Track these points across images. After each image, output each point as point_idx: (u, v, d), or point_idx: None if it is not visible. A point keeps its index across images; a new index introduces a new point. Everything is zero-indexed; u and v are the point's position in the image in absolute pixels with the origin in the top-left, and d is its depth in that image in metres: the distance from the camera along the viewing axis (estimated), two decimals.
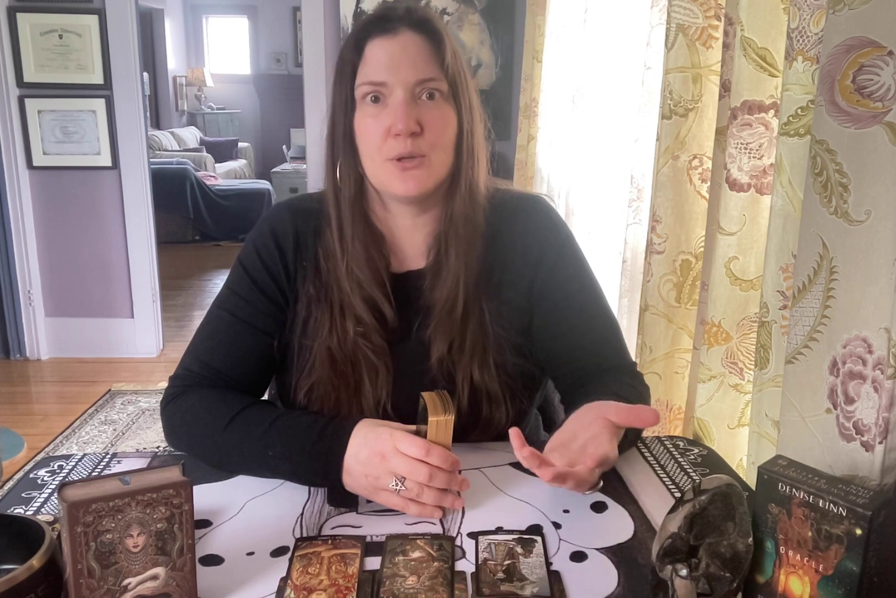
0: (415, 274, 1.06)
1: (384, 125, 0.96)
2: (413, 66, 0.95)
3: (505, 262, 1.06)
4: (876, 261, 0.74)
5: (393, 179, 0.98)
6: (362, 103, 0.98)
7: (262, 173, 8.37)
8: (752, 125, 1.05)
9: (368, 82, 0.96)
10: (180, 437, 1.01)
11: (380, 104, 0.97)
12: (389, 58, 0.95)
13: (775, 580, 0.68)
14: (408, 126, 0.94)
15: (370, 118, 0.97)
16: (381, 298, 1.02)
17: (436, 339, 1.02)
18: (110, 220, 3.61)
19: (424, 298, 1.04)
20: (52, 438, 2.87)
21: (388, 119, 0.95)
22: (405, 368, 1.04)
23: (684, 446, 1.06)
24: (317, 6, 3.42)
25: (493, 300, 1.04)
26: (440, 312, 1.02)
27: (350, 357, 1.02)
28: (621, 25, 1.95)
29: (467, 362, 1.02)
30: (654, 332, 1.39)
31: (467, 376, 1.02)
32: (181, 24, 8.58)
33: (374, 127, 0.96)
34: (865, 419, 0.76)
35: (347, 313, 1.01)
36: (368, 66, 0.96)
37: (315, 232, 1.05)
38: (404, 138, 0.95)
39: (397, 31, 0.96)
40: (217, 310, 1.06)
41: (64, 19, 3.38)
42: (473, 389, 1.02)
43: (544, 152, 2.88)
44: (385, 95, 0.96)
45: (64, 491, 0.64)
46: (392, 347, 1.03)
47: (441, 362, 1.02)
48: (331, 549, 0.79)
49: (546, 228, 1.09)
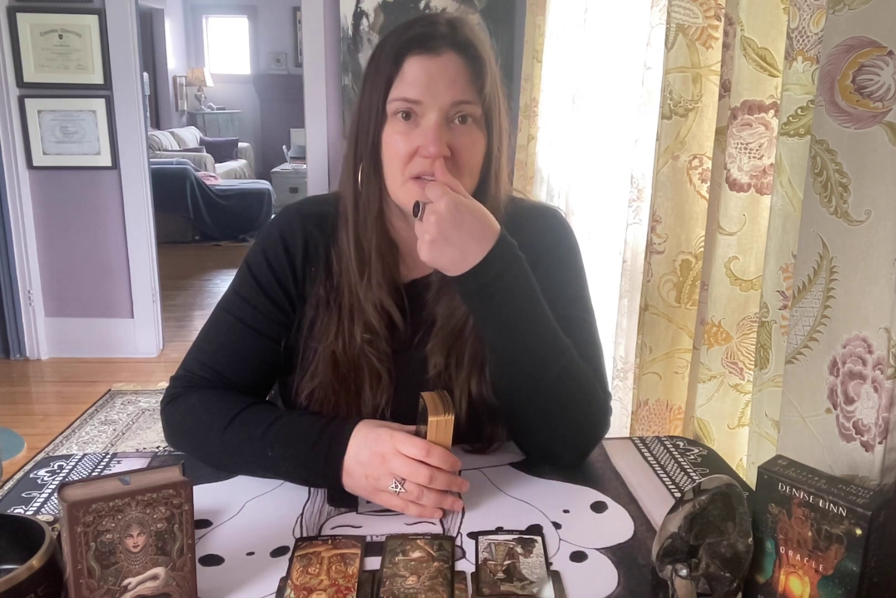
0: (421, 283, 1.05)
1: (413, 144, 0.93)
2: (450, 88, 0.93)
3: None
4: (876, 261, 0.74)
5: (412, 198, 0.94)
6: (393, 118, 0.95)
7: (262, 173, 8.37)
8: (752, 125, 1.05)
9: (403, 99, 0.94)
10: (180, 437, 1.01)
11: (411, 122, 0.94)
12: (429, 77, 0.93)
13: (775, 580, 0.68)
14: (440, 150, 0.91)
15: (399, 135, 0.95)
16: (393, 306, 1.01)
17: (434, 352, 1.01)
18: (110, 220, 3.61)
19: (428, 309, 1.03)
20: (52, 438, 2.87)
21: (419, 139, 0.93)
22: (406, 376, 1.03)
23: (684, 446, 1.06)
24: (317, 6, 3.42)
25: None
26: (441, 325, 1.01)
27: (353, 362, 1.01)
28: (621, 25, 1.95)
29: (465, 377, 1.01)
30: (654, 332, 1.39)
31: (465, 391, 1.01)
32: (181, 24, 8.58)
33: (402, 144, 0.94)
34: (865, 419, 0.76)
35: (357, 319, 1.01)
36: (406, 84, 0.94)
37: (325, 235, 1.04)
38: (433, 160, 0.92)
39: (440, 51, 0.93)
40: (221, 312, 1.06)
41: (64, 19, 3.38)
42: (472, 403, 1.01)
43: (544, 152, 2.88)
44: (418, 114, 0.94)
45: (64, 491, 0.64)
46: (395, 355, 1.03)
47: (439, 375, 1.02)
48: (331, 549, 0.79)
49: (554, 235, 1.07)
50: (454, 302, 1.00)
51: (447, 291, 1.01)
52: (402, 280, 1.05)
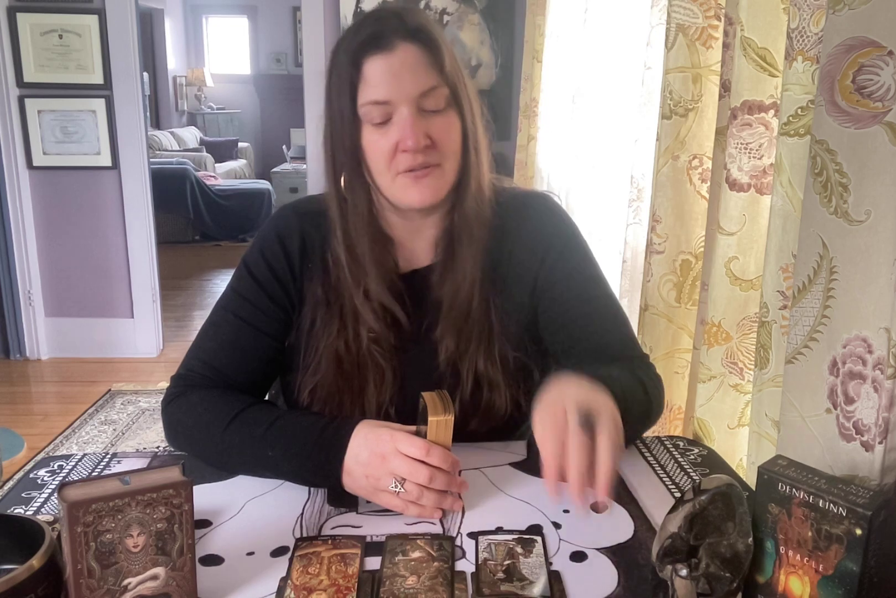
0: (422, 272, 1.06)
1: (392, 141, 0.95)
2: (414, 80, 0.94)
3: (511, 257, 1.07)
4: (876, 261, 0.74)
5: (407, 191, 0.97)
6: (367, 125, 0.97)
7: (262, 173, 8.37)
8: (752, 125, 1.05)
9: (372, 102, 0.95)
10: (181, 437, 1.01)
11: (386, 123, 0.96)
12: (391, 75, 0.94)
13: (775, 580, 0.68)
14: (417, 143, 0.94)
15: (377, 135, 0.96)
16: (395, 304, 1.02)
17: (445, 336, 1.03)
18: (110, 220, 3.61)
19: (433, 294, 1.04)
20: (52, 438, 2.86)
21: (397, 135, 0.95)
22: (412, 370, 1.04)
23: (684, 446, 1.06)
24: (317, 6, 3.42)
25: (499, 295, 1.05)
26: (449, 306, 1.03)
27: (357, 360, 1.02)
28: (621, 25, 1.95)
29: (473, 353, 1.03)
30: (654, 332, 1.39)
31: (472, 367, 1.03)
32: (181, 24, 8.58)
33: (383, 143, 0.96)
34: (865, 419, 0.76)
35: (360, 320, 1.02)
36: (370, 86, 0.95)
37: (321, 233, 1.05)
38: (414, 153, 0.94)
39: (394, 46, 0.94)
40: (221, 311, 1.06)
41: (64, 19, 3.38)
42: (476, 378, 1.03)
43: (544, 152, 2.88)
44: (390, 112, 0.95)
45: (64, 491, 0.64)
46: (400, 350, 1.04)
47: (449, 359, 1.03)
48: (331, 549, 0.79)
49: (552, 222, 1.10)
50: (458, 281, 1.02)
51: (450, 270, 1.03)
52: (403, 271, 1.06)
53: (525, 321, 1.07)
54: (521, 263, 1.07)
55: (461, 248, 1.02)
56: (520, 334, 1.06)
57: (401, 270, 1.05)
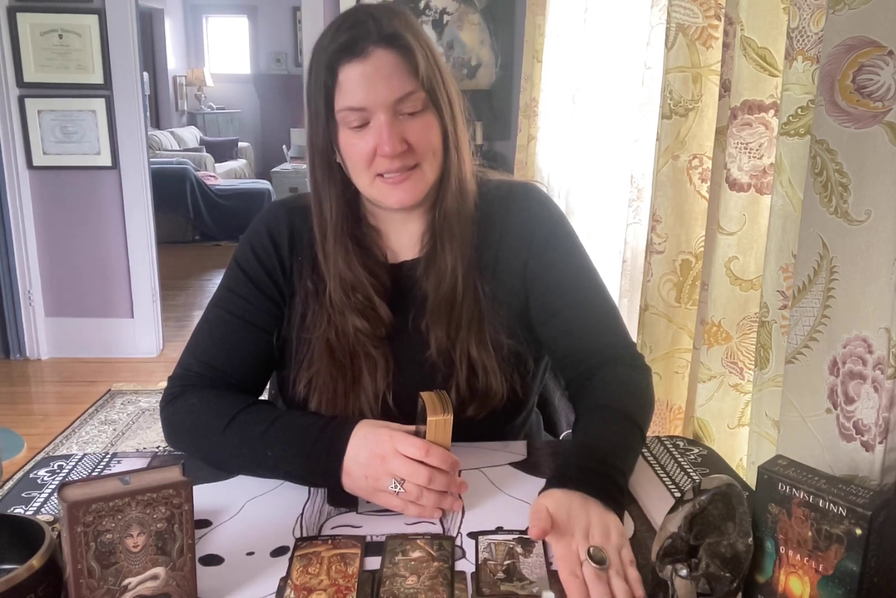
0: (409, 264, 1.07)
1: (370, 145, 0.96)
2: (389, 87, 0.94)
3: (499, 245, 1.08)
4: (876, 261, 0.74)
5: (385, 193, 0.99)
6: (345, 128, 0.98)
7: (262, 173, 8.36)
8: (752, 125, 1.05)
9: (348, 108, 0.96)
10: (180, 437, 1.01)
11: (364, 126, 0.97)
12: (366, 82, 0.94)
13: (775, 580, 0.68)
14: (394, 148, 0.95)
15: (356, 139, 0.97)
16: (383, 304, 1.03)
17: (433, 327, 1.03)
18: (110, 220, 3.61)
19: (419, 287, 1.05)
20: (52, 438, 2.86)
21: (374, 140, 0.96)
22: (405, 359, 1.05)
23: (684, 446, 1.06)
24: (317, 6, 3.42)
25: (488, 283, 1.06)
26: (436, 298, 1.03)
27: (349, 350, 1.03)
28: (621, 25, 1.95)
29: (464, 339, 1.03)
30: (654, 332, 1.39)
31: (465, 353, 1.03)
32: (181, 24, 8.58)
33: (361, 146, 0.97)
34: (865, 419, 0.76)
35: (347, 313, 1.02)
36: (346, 93, 0.95)
37: (310, 228, 1.06)
38: (391, 158, 0.96)
39: (368, 52, 0.94)
40: (214, 308, 1.07)
41: (64, 19, 3.38)
42: (470, 364, 1.04)
43: (544, 152, 2.88)
44: (367, 117, 0.96)
45: (64, 491, 0.64)
46: (391, 340, 1.04)
47: (441, 347, 1.04)
48: (331, 549, 0.79)
49: (537, 210, 1.10)
50: (441, 273, 1.03)
51: (433, 264, 1.04)
52: (391, 262, 1.07)
53: (518, 308, 1.08)
54: (510, 250, 1.08)
55: (444, 244, 1.04)
56: (512, 320, 1.07)
57: (389, 261, 1.07)
